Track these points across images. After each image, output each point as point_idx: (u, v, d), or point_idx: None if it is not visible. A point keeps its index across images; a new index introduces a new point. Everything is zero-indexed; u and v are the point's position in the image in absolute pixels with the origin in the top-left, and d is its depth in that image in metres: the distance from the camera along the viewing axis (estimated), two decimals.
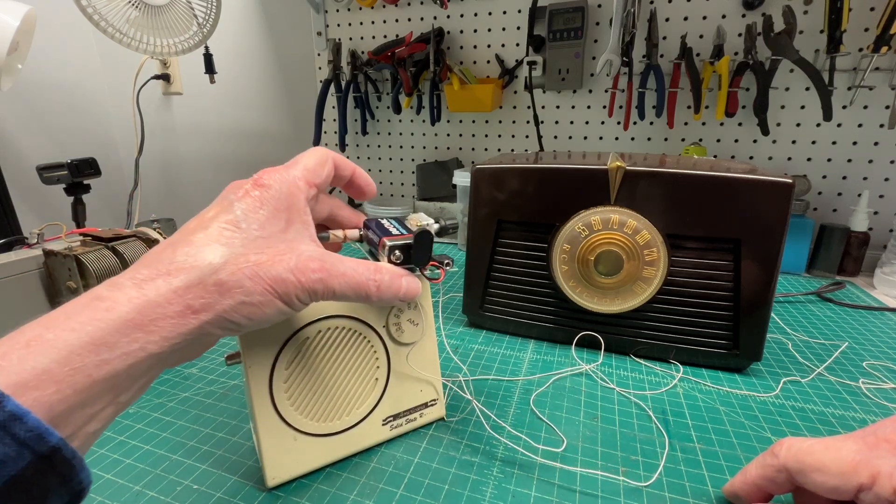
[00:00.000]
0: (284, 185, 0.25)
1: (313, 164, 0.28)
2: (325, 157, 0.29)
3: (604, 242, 0.45)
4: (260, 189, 0.25)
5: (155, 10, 0.78)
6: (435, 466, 0.34)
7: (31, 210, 1.07)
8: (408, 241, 0.29)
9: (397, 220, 0.32)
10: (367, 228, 0.31)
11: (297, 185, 0.26)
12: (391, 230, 0.30)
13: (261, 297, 0.22)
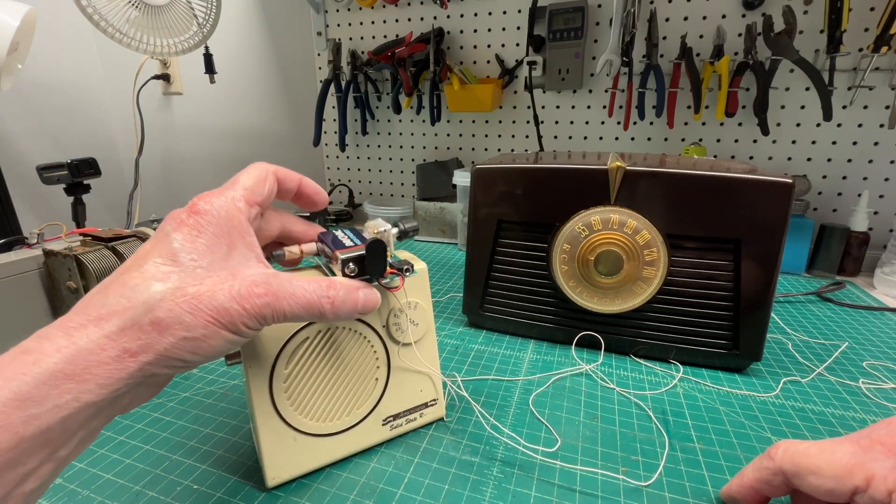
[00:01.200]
0: (223, 209, 0.24)
1: (252, 182, 0.26)
2: (263, 172, 0.27)
3: (604, 242, 0.45)
4: (196, 216, 0.23)
5: (155, 10, 0.78)
6: (435, 466, 0.34)
7: (31, 210, 1.07)
8: (361, 253, 0.28)
9: (353, 231, 0.31)
10: (322, 242, 0.30)
11: (237, 207, 0.25)
12: (345, 242, 0.29)
13: (203, 331, 0.21)
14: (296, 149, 1.24)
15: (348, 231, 0.31)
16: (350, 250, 0.28)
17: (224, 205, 0.24)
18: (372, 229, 0.30)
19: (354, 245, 0.29)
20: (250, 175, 0.27)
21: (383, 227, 0.31)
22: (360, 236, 0.30)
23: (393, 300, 0.34)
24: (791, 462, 0.25)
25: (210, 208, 0.24)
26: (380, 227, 0.31)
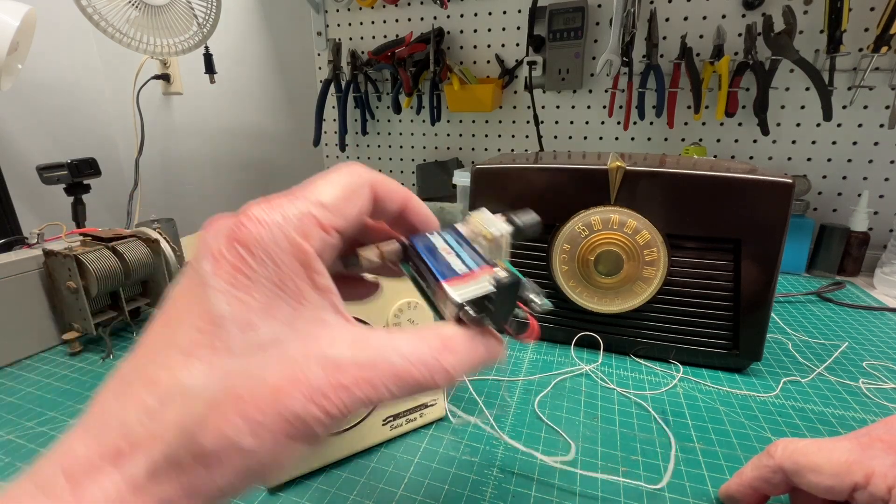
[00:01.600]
0: (283, 238, 0.15)
1: (334, 196, 0.17)
2: (355, 181, 0.18)
3: (604, 242, 0.45)
4: (243, 248, 0.15)
5: (155, 10, 0.78)
6: (435, 466, 0.34)
7: (31, 210, 1.07)
8: (486, 293, 0.18)
9: (456, 236, 0.21)
10: (413, 250, 0.20)
11: (305, 233, 0.16)
12: (449, 259, 0.19)
13: (271, 454, 0.14)
14: (296, 149, 1.24)
15: (450, 237, 0.20)
16: (464, 282, 0.18)
17: (285, 230, 0.16)
18: (478, 229, 0.21)
19: (469, 271, 0.18)
20: (334, 184, 0.17)
21: (496, 226, 0.20)
22: (471, 250, 0.20)
23: (395, 299, 0.34)
24: (790, 460, 0.25)
25: (264, 234, 0.15)
26: (489, 225, 0.20)
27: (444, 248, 0.20)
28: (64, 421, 0.40)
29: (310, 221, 0.16)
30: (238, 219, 0.16)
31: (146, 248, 0.55)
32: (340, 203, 0.17)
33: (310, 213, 0.16)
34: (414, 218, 0.21)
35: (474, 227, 0.21)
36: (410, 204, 0.21)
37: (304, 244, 0.16)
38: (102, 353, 0.51)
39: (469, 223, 0.21)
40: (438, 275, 0.18)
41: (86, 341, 0.53)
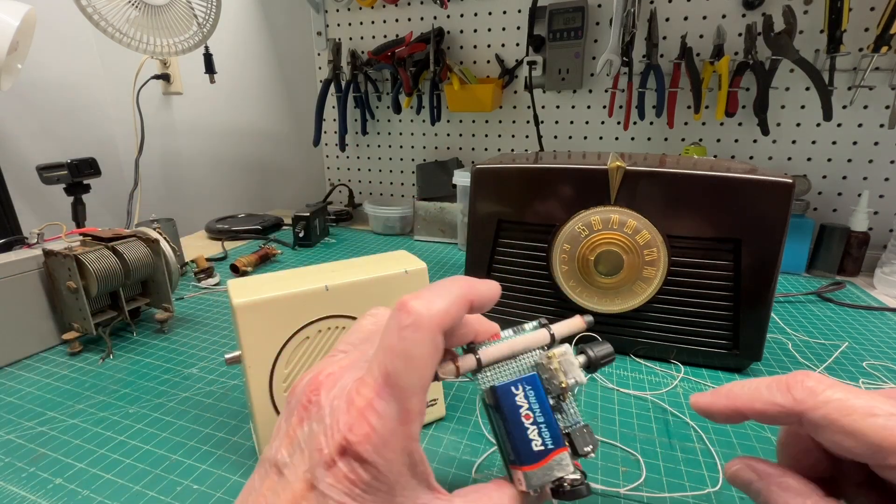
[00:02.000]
0: (400, 449, 0.17)
1: (430, 352, 0.18)
2: (461, 301, 0.19)
3: (604, 242, 0.45)
4: (358, 464, 0.16)
5: (155, 10, 0.78)
6: (435, 466, 0.34)
7: (31, 210, 1.07)
8: (552, 482, 0.20)
9: (533, 385, 0.20)
10: (500, 402, 0.20)
11: (413, 435, 0.17)
12: (530, 431, 0.20)
13: None
14: (296, 149, 1.24)
15: (531, 390, 0.20)
16: (539, 468, 0.19)
17: (401, 439, 0.17)
18: (558, 377, 0.20)
19: (545, 452, 0.19)
20: (429, 366, 0.18)
21: (574, 376, 0.20)
22: (549, 412, 0.20)
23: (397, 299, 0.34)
24: (821, 413, 0.19)
25: (384, 457, 0.16)
26: (569, 374, 0.20)
27: (525, 411, 0.20)
28: (64, 421, 0.40)
29: (417, 424, 0.17)
30: (347, 440, 0.16)
31: (146, 248, 0.55)
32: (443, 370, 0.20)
33: (417, 422, 0.17)
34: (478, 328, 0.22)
35: (554, 373, 0.21)
36: (481, 328, 0.22)
37: (413, 444, 0.17)
38: (102, 353, 0.51)
39: (548, 360, 0.21)
40: (514, 454, 0.20)
41: (86, 341, 0.53)
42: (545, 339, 0.22)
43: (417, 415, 0.17)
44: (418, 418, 0.17)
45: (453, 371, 0.20)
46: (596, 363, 0.22)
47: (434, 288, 0.19)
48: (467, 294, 0.19)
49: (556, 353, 0.21)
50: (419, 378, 0.17)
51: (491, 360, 0.21)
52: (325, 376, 0.19)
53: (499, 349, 0.21)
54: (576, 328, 0.23)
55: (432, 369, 0.18)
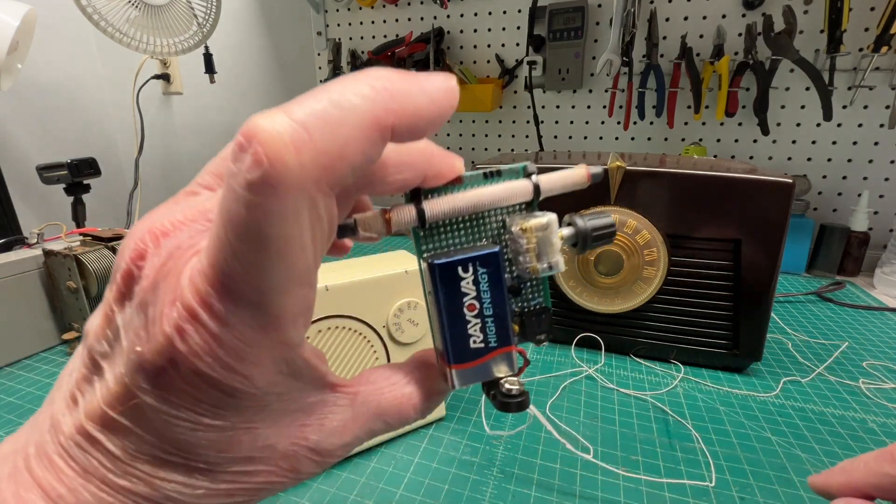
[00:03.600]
0: (261, 360, 0.12)
1: (330, 158, 0.10)
2: (365, 131, 0.11)
3: None
4: (200, 378, 0.11)
5: (155, 10, 0.78)
6: (435, 466, 0.34)
7: (31, 210, 1.07)
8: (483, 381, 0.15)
9: (492, 263, 0.15)
10: (437, 284, 0.15)
11: (285, 336, 0.12)
12: (471, 324, 0.15)
13: None
14: None
15: (484, 270, 0.15)
16: (472, 368, 0.15)
17: (268, 350, 0.12)
18: (530, 259, 0.15)
19: (486, 350, 0.15)
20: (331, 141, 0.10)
21: (549, 259, 0.15)
22: (502, 305, 0.15)
23: (396, 299, 0.34)
24: None
25: (241, 373, 0.11)
26: (544, 253, 0.15)
27: (470, 301, 0.15)
28: None
29: (295, 323, 0.12)
30: (180, 323, 0.11)
31: None
32: (337, 163, 0.11)
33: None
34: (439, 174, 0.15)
35: (525, 253, 0.15)
36: (436, 156, 0.14)
37: (294, 357, 0.13)
38: None
39: (521, 240, 0.15)
40: (444, 349, 0.15)
41: None
42: (526, 194, 0.15)
43: (293, 316, 0.11)
44: (296, 320, 0.12)
45: (382, 227, 0.14)
46: (586, 239, 0.16)
47: (317, 97, 0.11)
48: (378, 111, 0.11)
49: (532, 226, 0.15)
50: (288, 268, 0.11)
51: (440, 215, 0.15)
52: (157, 232, 0.12)
53: (454, 200, 0.15)
54: (574, 181, 0.16)
55: (311, 249, 0.11)
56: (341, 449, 0.14)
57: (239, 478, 0.13)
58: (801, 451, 0.36)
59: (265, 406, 0.13)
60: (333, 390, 0.14)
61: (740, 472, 0.34)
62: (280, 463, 0.13)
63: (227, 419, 0.12)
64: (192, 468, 0.12)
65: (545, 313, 0.16)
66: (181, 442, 0.12)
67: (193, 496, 0.12)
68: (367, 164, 0.11)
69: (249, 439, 0.13)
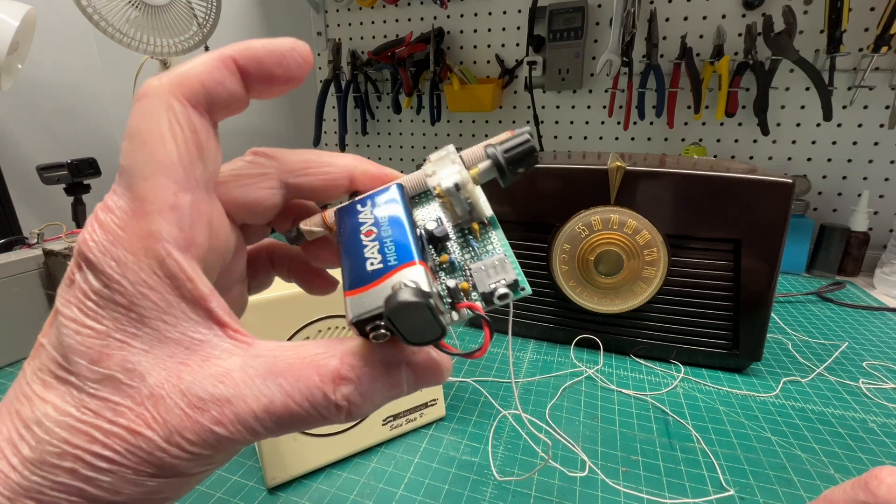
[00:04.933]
0: (127, 255, 0.13)
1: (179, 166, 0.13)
2: (209, 61, 0.14)
3: (604, 242, 0.45)
4: (88, 270, 0.13)
5: (155, 10, 0.78)
6: (435, 466, 0.34)
7: (31, 210, 1.07)
8: (376, 312, 0.13)
9: (393, 195, 0.15)
10: (339, 230, 0.15)
11: (157, 236, 0.13)
12: (367, 248, 0.14)
13: (133, 493, 0.13)
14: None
15: (382, 204, 0.15)
16: (367, 293, 0.13)
17: (136, 237, 0.13)
18: (430, 181, 0.15)
19: (382, 271, 0.13)
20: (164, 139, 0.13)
21: (448, 175, 0.15)
22: (405, 225, 0.14)
23: None
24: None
25: (112, 256, 0.13)
26: (443, 173, 0.15)
27: (368, 227, 0.14)
28: None
29: (162, 214, 0.13)
30: (87, 227, 0.13)
31: None
32: (191, 171, 0.14)
33: (158, 202, 0.13)
34: (361, 185, 0.16)
35: (427, 174, 0.15)
36: (355, 173, 0.16)
37: (159, 248, 0.13)
38: None
39: (425, 171, 0.16)
40: (344, 280, 0.14)
41: None
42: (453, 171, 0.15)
43: (158, 205, 0.13)
44: (163, 210, 0.13)
45: (319, 221, 0.16)
46: (500, 161, 0.15)
47: None
48: (223, 52, 0.14)
49: (431, 158, 0.15)
50: (149, 155, 0.13)
51: None
52: None
53: None
54: (496, 142, 0.16)
55: (172, 145, 0.13)
56: (217, 406, 0.12)
57: (102, 410, 0.12)
58: (801, 451, 0.36)
59: (142, 318, 0.13)
60: (224, 332, 0.14)
61: (740, 472, 0.34)
62: (147, 403, 0.12)
63: (102, 322, 0.13)
64: (68, 383, 0.12)
65: (499, 260, 0.15)
66: (66, 347, 0.12)
67: (56, 422, 0.12)
68: (216, 85, 0.14)
69: (121, 356, 0.12)
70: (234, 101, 0.14)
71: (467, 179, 0.15)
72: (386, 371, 0.14)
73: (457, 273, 0.15)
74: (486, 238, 0.15)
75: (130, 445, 0.12)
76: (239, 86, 0.14)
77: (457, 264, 0.15)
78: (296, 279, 0.19)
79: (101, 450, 0.12)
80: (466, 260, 0.15)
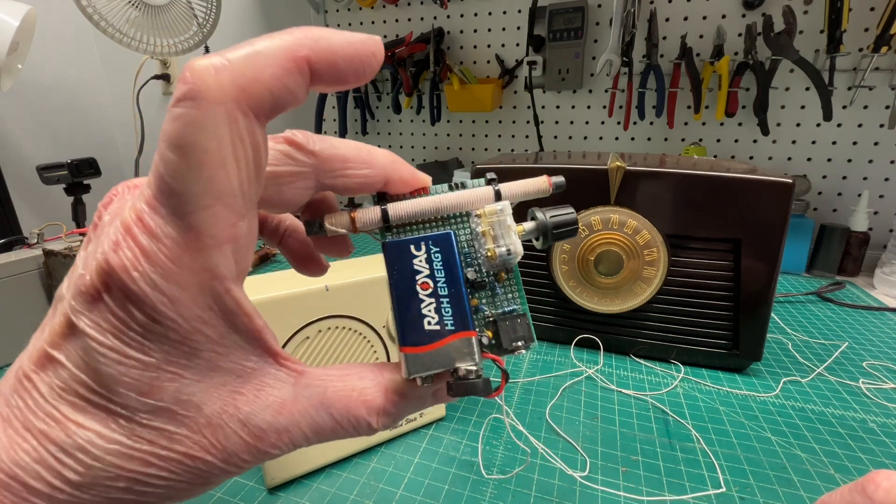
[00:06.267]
0: (186, 282, 0.12)
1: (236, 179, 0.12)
2: (279, 60, 0.12)
3: (604, 242, 0.45)
4: (127, 299, 0.11)
5: (155, 10, 0.78)
6: (435, 466, 0.34)
7: (31, 210, 1.07)
8: (445, 369, 0.14)
9: (445, 245, 0.15)
10: (390, 269, 0.15)
11: (210, 262, 0.12)
12: (424, 304, 0.15)
13: None
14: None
15: (438, 252, 0.15)
16: (427, 353, 0.14)
17: (192, 272, 0.12)
18: (486, 221, 0.15)
19: (440, 334, 0.14)
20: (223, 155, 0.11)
21: (506, 243, 0.15)
22: (458, 287, 0.15)
23: None
24: None
25: (164, 293, 0.11)
26: (500, 237, 0.15)
27: (423, 279, 0.15)
28: None
29: (220, 248, 0.12)
30: (123, 248, 0.11)
31: None
32: (245, 184, 0.12)
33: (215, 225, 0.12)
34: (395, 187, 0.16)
35: (481, 236, 0.15)
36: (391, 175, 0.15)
37: (217, 286, 0.12)
38: None
39: (477, 226, 0.15)
40: (400, 331, 0.15)
41: None
42: (487, 199, 0.16)
43: (217, 239, 0.12)
44: (221, 244, 0.12)
45: (347, 223, 0.15)
46: (547, 230, 0.16)
47: (243, 43, 0.12)
48: (299, 48, 0.12)
49: (486, 211, 0.15)
50: (208, 181, 0.11)
51: (404, 216, 0.15)
52: (130, 185, 0.14)
53: (418, 203, 0.15)
54: (536, 189, 0.16)
55: (235, 171, 0.11)
56: (275, 434, 0.13)
57: (157, 439, 0.12)
58: (801, 451, 0.36)
59: (194, 350, 0.12)
60: (276, 361, 0.14)
61: (740, 473, 0.34)
62: (205, 431, 0.12)
63: (151, 354, 0.12)
64: (111, 412, 0.12)
65: (521, 318, 0.16)
66: (105, 376, 0.11)
67: (106, 450, 0.11)
68: (286, 94, 0.12)
69: (173, 388, 0.12)
70: (295, 104, 0.12)
71: (520, 251, 0.15)
72: (419, 402, 0.15)
73: (479, 315, 0.16)
74: (508, 288, 0.16)
75: (188, 467, 0.12)
76: (305, 91, 0.12)
77: (482, 310, 0.16)
78: (289, 255, 0.18)
79: (158, 471, 0.12)
80: (489, 305, 0.16)
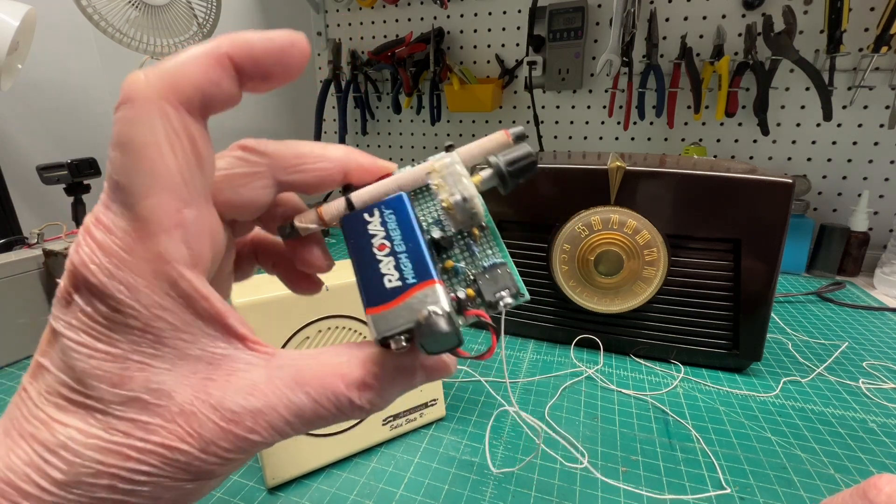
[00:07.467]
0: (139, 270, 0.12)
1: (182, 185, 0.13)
2: (202, 57, 0.13)
3: (604, 242, 0.45)
4: (92, 295, 0.12)
5: (155, 10, 0.78)
6: (435, 466, 0.34)
7: (31, 210, 1.07)
8: (407, 328, 0.14)
9: (400, 205, 0.15)
10: (348, 241, 0.15)
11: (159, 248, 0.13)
12: (383, 264, 0.14)
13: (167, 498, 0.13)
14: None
15: (393, 213, 0.15)
16: (391, 310, 0.14)
17: (144, 260, 0.12)
18: (443, 191, 0.15)
19: (402, 288, 0.14)
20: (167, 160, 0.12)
21: (459, 189, 0.15)
22: (418, 238, 0.14)
23: None
24: None
25: (121, 281, 0.12)
26: (452, 187, 0.15)
27: (380, 241, 0.15)
28: None
29: (168, 233, 0.12)
30: (81, 245, 0.12)
31: None
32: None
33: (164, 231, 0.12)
34: (355, 177, 0.16)
35: (432, 178, 0.15)
36: (349, 165, 0.16)
37: (170, 270, 0.12)
38: None
39: (429, 174, 0.15)
40: (364, 295, 0.14)
41: None
42: (448, 164, 0.16)
43: (163, 224, 0.12)
44: (168, 229, 0.12)
45: (315, 218, 0.15)
46: (502, 169, 0.16)
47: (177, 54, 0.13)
48: (218, 47, 0.13)
49: (436, 167, 0.15)
50: (148, 170, 0.12)
51: (368, 199, 0.15)
52: None
53: (379, 186, 0.15)
54: (495, 145, 0.16)
55: (172, 158, 0.12)
56: (250, 417, 0.13)
57: (133, 430, 0.12)
58: (801, 451, 0.36)
59: (159, 338, 0.12)
60: (244, 344, 0.14)
61: (740, 473, 0.34)
62: (178, 420, 0.12)
63: (118, 345, 0.12)
64: (88, 407, 0.12)
65: (501, 267, 0.15)
66: (80, 372, 0.12)
67: (85, 445, 0.12)
68: (212, 87, 0.13)
69: (143, 377, 0.12)
70: (229, 101, 0.13)
71: (475, 194, 0.15)
72: (403, 374, 0.15)
73: (459, 277, 0.15)
74: (485, 242, 0.16)
75: (167, 459, 0.12)
76: (234, 85, 0.13)
77: (461, 271, 0.15)
78: (280, 275, 0.19)
79: (137, 465, 0.12)
80: (468, 265, 0.15)
